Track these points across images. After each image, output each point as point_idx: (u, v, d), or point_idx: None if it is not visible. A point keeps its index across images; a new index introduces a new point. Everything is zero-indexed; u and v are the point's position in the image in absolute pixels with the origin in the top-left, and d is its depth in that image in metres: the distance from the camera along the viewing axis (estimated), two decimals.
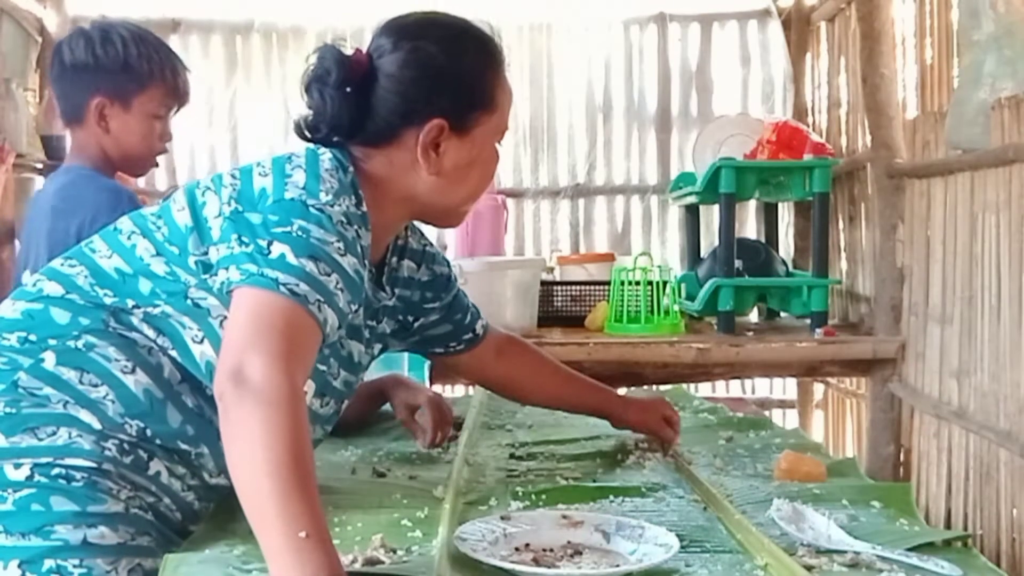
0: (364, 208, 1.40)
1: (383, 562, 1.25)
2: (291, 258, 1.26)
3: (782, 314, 3.73)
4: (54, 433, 1.34)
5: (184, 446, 1.41)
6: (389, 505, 1.50)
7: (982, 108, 2.54)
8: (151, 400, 1.37)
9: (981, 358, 2.64)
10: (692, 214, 3.98)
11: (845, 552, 1.31)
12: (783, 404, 4.49)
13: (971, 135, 2.60)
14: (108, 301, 1.39)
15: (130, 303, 1.39)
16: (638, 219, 4.38)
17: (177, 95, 2.20)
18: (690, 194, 3.64)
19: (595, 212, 4.39)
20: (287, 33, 4.27)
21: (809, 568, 1.25)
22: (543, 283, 3.63)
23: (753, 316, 3.88)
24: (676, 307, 3.48)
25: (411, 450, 1.92)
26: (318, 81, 1.44)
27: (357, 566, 1.23)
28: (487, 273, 3.27)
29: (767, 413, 3.49)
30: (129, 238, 1.43)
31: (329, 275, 1.29)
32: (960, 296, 2.78)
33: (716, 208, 3.55)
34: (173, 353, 1.39)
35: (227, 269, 1.29)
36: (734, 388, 4.37)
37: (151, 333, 1.39)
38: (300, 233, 1.29)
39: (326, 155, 1.41)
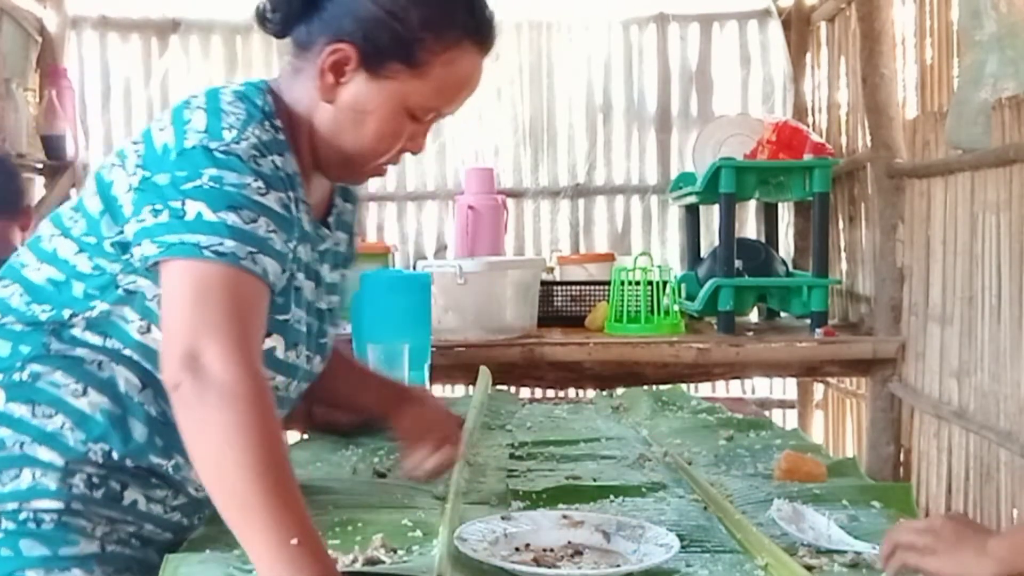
0: (281, 135, 1.30)
1: (384, 562, 1.25)
2: (208, 215, 1.17)
3: (782, 314, 3.73)
4: (17, 476, 1.25)
5: (157, 460, 1.31)
6: (389, 505, 1.50)
7: (983, 108, 2.54)
8: (110, 419, 1.28)
9: (981, 358, 2.64)
10: (692, 214, 3.98)
11: (845, 552, 1.31)
12: (783, 404, 4.49)
13: (972, 135, 2.60)
14: (44, 318, 1.30)
15: (67, 313, 1.29)
16: (638, 219, 4.38)
17: None
18: (690, 194, 3.64)
19: (595, 212, 4.39)
20: None
21: (809, 568, 1.25)
22: (543, 283, 3.63)
23: (753, 316, 3.88)
24: (676, 307, 3.48)
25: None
26: None
27: (358, 566, 1.22)
28: (487, 273, 3.27)
29: (767, 413, 3.49)
30: (51, 242, 1.33)
31: (255, 220, 1.20)
32: (960, 296, 2.78)
33: (716, 208, 3.55)
34: (128, 353, 1.29)
35: (143, 243, 1.21)
36: (734, 388, 4.37)
37: (98, 340, 1.29)
38: (212, 184, 1.19)
39: (227, 89, 1.30)
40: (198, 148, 1.21)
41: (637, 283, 3.44)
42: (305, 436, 2.01)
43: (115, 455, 1.28)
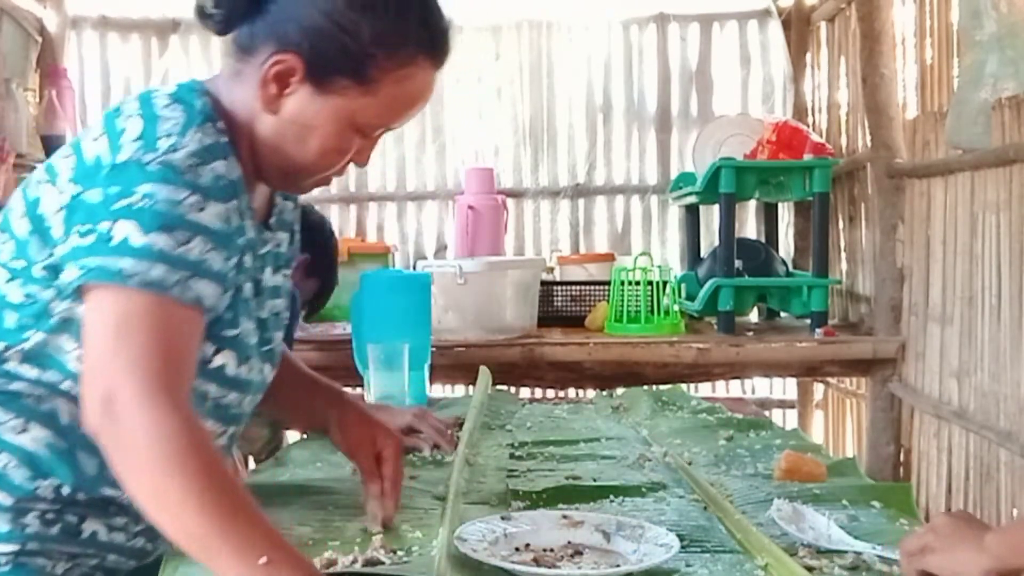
0: (224, 137, 1.21)
1: (383, 562, 1.25)
2: (137, 238, 1.09)
3: (782, 314, 3.73)
4: None
5: (111, 491, 1.23)
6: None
7: (983, 108, 2.54)
8: (56, 453, 1.20)
9: (981, 358, 2.64)
10: (692, 214, 3.99)
11: (846, 552, 1.31)
12: (783, 404, 4.49)
13: (972, 135, 2.60)
14: None
15: (1, 346, 1.21)
16: (638, 219, 4.38)
17: None
18: (690, 194, 3.64)
19: (595, 212, 4.39)
20: None
21: (810, 569, 1.25)
22: (543, 283, 3.63)
23: (753, 316, 3.88)
24: (676, 307, 3.48)
25: (411, 451, 1.91)
26: None
27: (358, 566, 1.22)
28: (487, 273, 3.27)
29: (767, 413, 3.49)
30: None
31: (189, 241, 1.12)
32: (960, 296, 2.78)
33: (716, 208, 3.55)
34: (68, 385, 1.20)
35: (68, 267, 1.13)
36: (734, 388, 4.37)
37: (35, 373, 1.21)
38: (144, 201, 1.10)
39: (160, 92, 1.22)
40: (131, 162, 1.12)
41: (637, 283, 3.44)
42: (305, 436, 2.01)
43: (66, 490, 1.21)
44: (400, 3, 1.22)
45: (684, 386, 2.99)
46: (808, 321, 3.41)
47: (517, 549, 1.31)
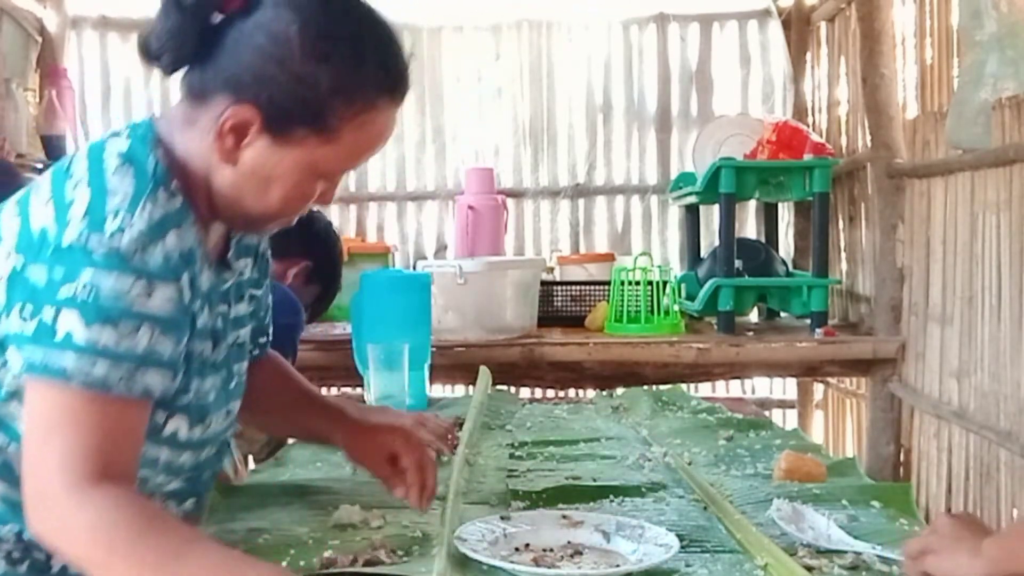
0: (179, 198, 1.17)
1: (383, 562, 1.25)
2: (80, 333, 1.06)
3: (782, 314, 3.73)
4: None
5: None
6: (389, 505, 1.50)
7: (983, 108, 2.54)
8: (11, 505, 1.17)
9: (981, 358, 2.64)
10: (692, 214, 3.98)
11: (845, 552, 1.31)
12: (783, 404, 4.49)
13: (972, 135, 2.60)
14: None
15: None
16: (638, 219, 4.38)
17: None
18: (690, 194, 3.64)
19: (595, 212, 4.39)
20: None
21: (809, 568, 1.25)
22: (543, 283, 3.63)
23: (753, 316, 3.88)
24: (676, 307, 3.48)
25: None
26: None
27: (358, 567, 1.23)
28: (487, 273, 3.27)
29: (767, 413, 3.49)
30: None
31: (135, 332, 1.08)
32: (960, 296, 2.78)
33: (716, 208, 3.55)
34: (16, 448, 1.16)
35: (11, 350, 1.11)
36: (734, 388, 4.37)
37: None
38: (89, 291, 1.06)
39: (112, 150, 1.17)
40: (76, 247, 1.08)
41: (637, 283, 3.44)
42: None
43: (26, 535, 1.18)
44: (356, 48, 1.18)
45: (684, 386, 2.99)
46: (808, 321, 3.41)
47: (517, 549, 1.31)
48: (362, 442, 1.49)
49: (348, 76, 1.17)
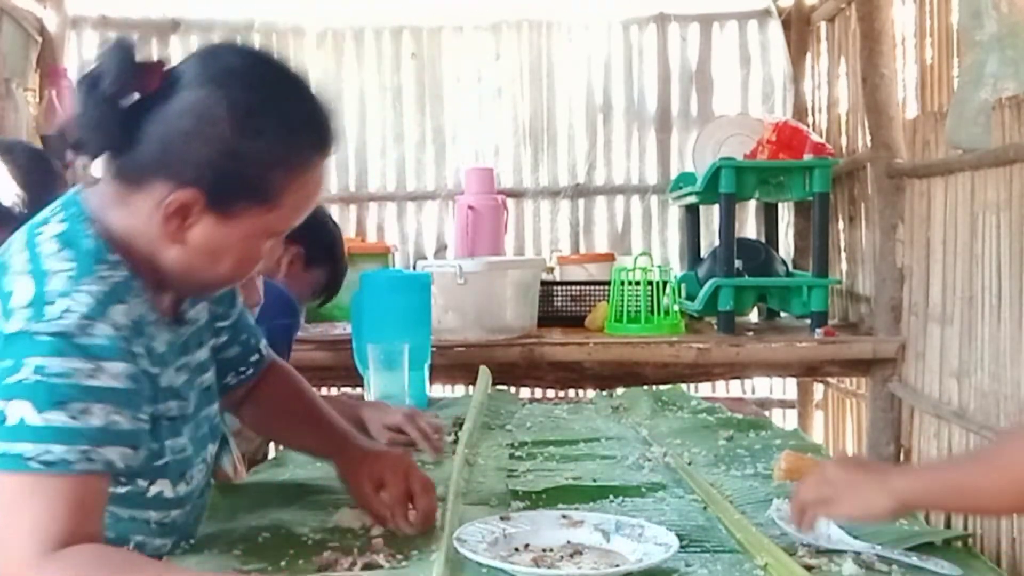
0: (121, 270, 1.19)
1: (383, 566, 1.25)
2: (33, 418, 1.06)
3: (782, 314, 3.73)
4: None
5: None
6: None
7: (983, 108, 2.54)
8: None
9: (981, 358, 2.64)
10: (692, 214, 3.98)
11: (845, 552, 1.31)
12: (783, 404, 4.48)
13: (972, 135, 2.60)
14: None
15: None
16: (638, 219, 4.38)
17: None
18: (690, 194, 3.64)
19: (595, 212, 4.38)
20: (287, 33, 4.27)
21: (809, 568, 1.25)
22: (543, 283, 3.63)
23: (753, 316, 3.88)
24: (676, 307, 3.48)
25: (410, 452, 1.91)
26: (90, 83, 1.17)
27: (356, 569, 1.23)
28: (487, 273, 3.27)
29: (767, 413, 3.49)
30: None
31: (88, 411, 1.09)
32: (960, 296, 2.78)
33: (716, 208, 3.55)
34: None
35: None
36: (734, 388, 4.37)
37: None
38: (36, 376, 1.07)
39: (47, 234, 1.18)
40: (22, 334, 1.09)
41: (637, 283, 3.44)
42: None
43: None
44: (286, 117, 1.20)
45: (684, 386, 2.99)
46: (808, 321, 3.41)
47: (517, 549, 1.31)
48: (354, 468, 1.48)
49: (283, 146, 1.19)
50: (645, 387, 2.82)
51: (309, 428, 1.57)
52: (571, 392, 3.43)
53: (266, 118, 1.18)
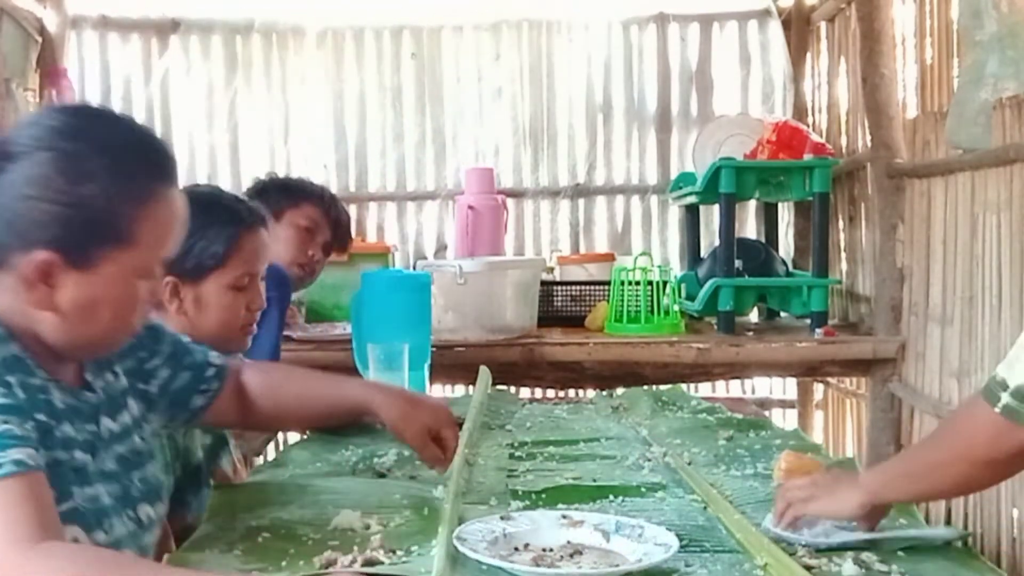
0: (10, 345, 1.21)
1: (383, 562, 1.25)
2: None
3: (782, 314, 3.73)
4: None
5: None
6: (389, 505, 1.50)
7: (983, 108, 2.54)
8: None
9: (981, 358, 2.64)
10: (692, 214, 3.98)
11: (845, 552, 1.31)
12: (783, 404, 4.48)
13: (972, 135, 2.60)
14: None
15: None
16: (638, 219, 4.38)
17: (329, 212, 2.72)
18: (690, 194, 3.64)
19: (595, 212, 4.38)
20: (287, 33, 4.27)
21: (809, 568, 1.25)
22: (543, 283, 3.63)
23: (753, 316, 3.88)
24: (676, 307, 3.48)
25: (411, 451, 1.91)
26: None
27: (357, 566, 1.23)
28: (487, 273, 3.27)
29: (767, 413, 3.49)
30: None
31: None
32: (960, 296, 2.78)
33: (716, 208, 3.55)
34: None
35: None
36: (734, 388, 4.37)
37: None
38: None
39: None
40: None
41: (637, 283, 3.44)
42: (305, 436, 2.01)
43: None
44: (112, 153, 1.22)
45: (684, 386, 2.99)
46: (808, 321, 3.41)
47: (517, 549, 1.31)
48: (405, 413, 1.61)
49: (117, 181, 1.21)
50: (645, 387, 2.82)
51: (331, 384, 1.65)
52: (571, 392, 3.43)
53: (94, 160, 1.20)
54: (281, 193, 2.57)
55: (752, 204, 4.16)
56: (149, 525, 1.35)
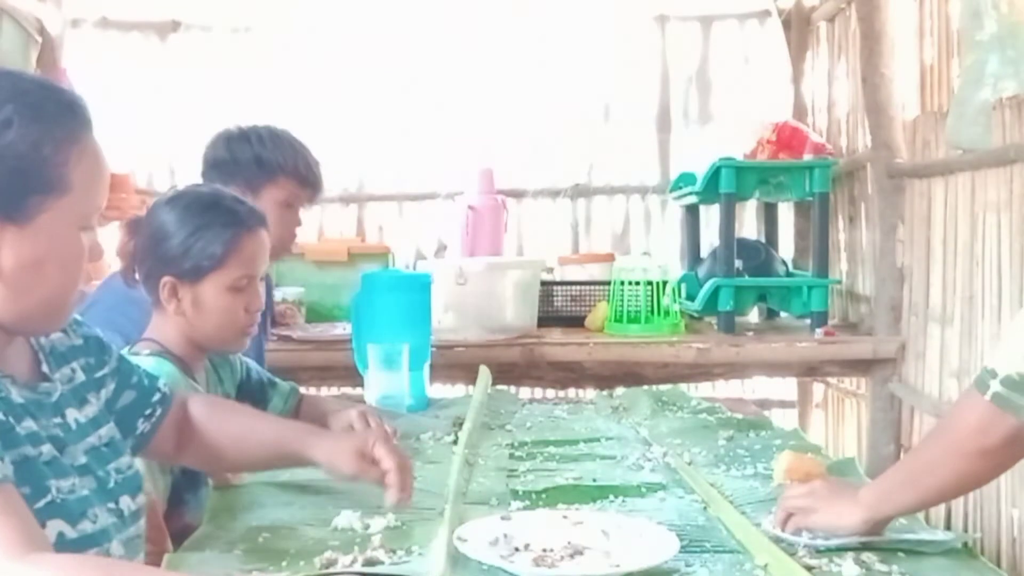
0: None
1: (383, 562, 1.25)
2: None
3: (782, 314, 3.73)
4: None
5: None
6: (390, 509, 1.50)
7: (984, 108, 2.54)
8: None
9: (981, 358, 2.64)
10: (692, 214, 3.98)
11: (845, 552, 1.31)
12: (783, 404, 4.48)
13: (972, 135, 2.60)
14: None
15: None
16: (638, 219, 4.38)
17: (307, 184, 2.34)
18: (690, 194, 3.64)
19: (595, 212, 4.38)
20: (286, 33, 4.26)
21: (809, 568, 1.25)
22: (543, 283, 3.63)
23: (753, 316, 3.87)
24: (676, 307, 3.48)
25: (411, 451, 1.91)
26: None
27: (357, 566, 1.23)
28: (487, 273, 3.27)
29: (767, 413, 3.49)
30: None
31: None
32: (960, 296, 2.78)
33: (716, 208, 3.55)
34: None
35: None
36: (734, 388, 4.37)
37: None
38: None
39: None
40: None
41: (637, 283, 3.44)
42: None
43: None
44: (25, 101, 1.19)
45: (684, 386, 2.99)
46: (808, 321, 3.41)
47: (517, 549, 1.31)
48: (330, 448, 1.51)
49: (37, 126, 1.17)
50: (645, 387, 2.82)
51: (265, 436, 1.55)
52: (571, 392, 3.43)
53: (7, 108, 1.17)
54: (256, 168, 2.31)
55: (752, 204, 4.16)
56: (131, 517, 1.32)
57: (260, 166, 2.28)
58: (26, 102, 1.18)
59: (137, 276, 1.83)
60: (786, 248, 4.12)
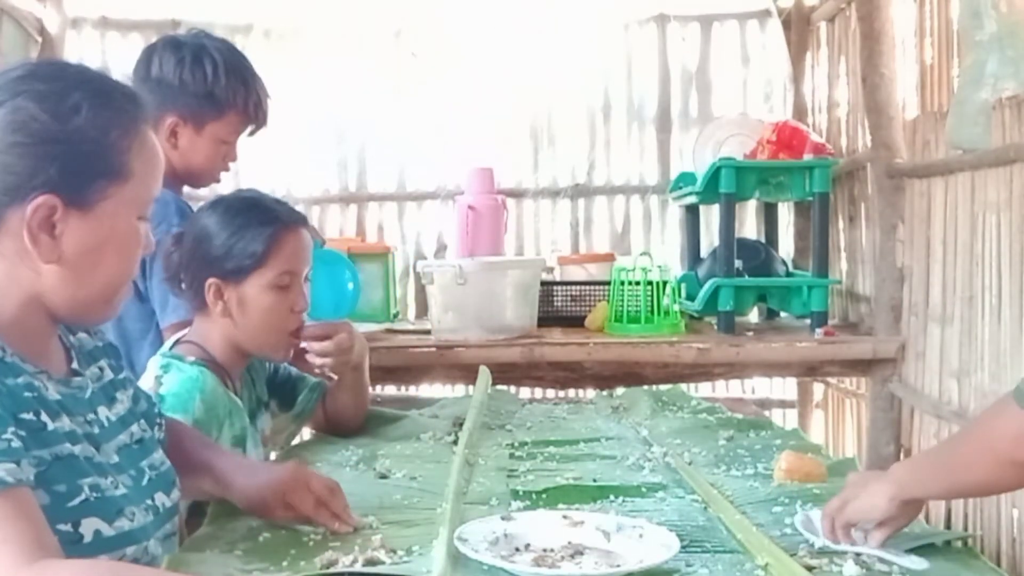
0: None
1: (383, 562, 1.25)
2: None
3: (782, 314, 3.73)
4: None
5: None
6: (389, 505, 1.50)
7: (983, 108, 2.54)
8: None
9: (981, 358, 2.64)
10: (692, 214, 3.98)
11: (845, 552, 1.31)
12: (783, 404, 4.48)
13: (972, 135, 2.60)
14: None
15: None
16: (638, 219, 4.38)
17: (252, 122, 2.25)
18: (690, 194, 3.64)
19: (595, 212, 4.38)
20: (287, 33, 4.27)
21: (809, 568, 1.25)
22: (543, 283, 3.63)
23: (753, 316, 3.88)
24: (676, 307, 3.48)
25: (411, 451, 1.92)
26: None
27: (358, 566, 1.23)
28: (487, 273, 3.27)
29: (767, 413, 3.49)
30: None
31: None
32: (960, 296, 2.78)
33: (716, 208, 3.55)
34: None
35: None
36: (734, 388, 4.37)
37: None
38: None
39: None
40: None
41: (637, 283, 3.44)
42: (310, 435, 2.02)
43: None
44: (91, 88, 1.21)
45: (684, 386, 2.99)
46: (808, 321, 3.41)
47: (517, 549, 1.31)
48: (257, 499, 1.46)
49: (103, 114, 1.20)
50: (645, 387, 2.82)
51: (199, 463, 1.51)
52: (571, 392, 3.43)
53: (75, 94, 1.19)
54: (206, 102, 2.16)
55: (752, 204, 4.16)
56: (167, 513, 1.33)
57: (211, 102, 2.17)
58: (93, 89, 1.22)
59: (183, 285, 1.84)
60: (786, 248, 4.12)
